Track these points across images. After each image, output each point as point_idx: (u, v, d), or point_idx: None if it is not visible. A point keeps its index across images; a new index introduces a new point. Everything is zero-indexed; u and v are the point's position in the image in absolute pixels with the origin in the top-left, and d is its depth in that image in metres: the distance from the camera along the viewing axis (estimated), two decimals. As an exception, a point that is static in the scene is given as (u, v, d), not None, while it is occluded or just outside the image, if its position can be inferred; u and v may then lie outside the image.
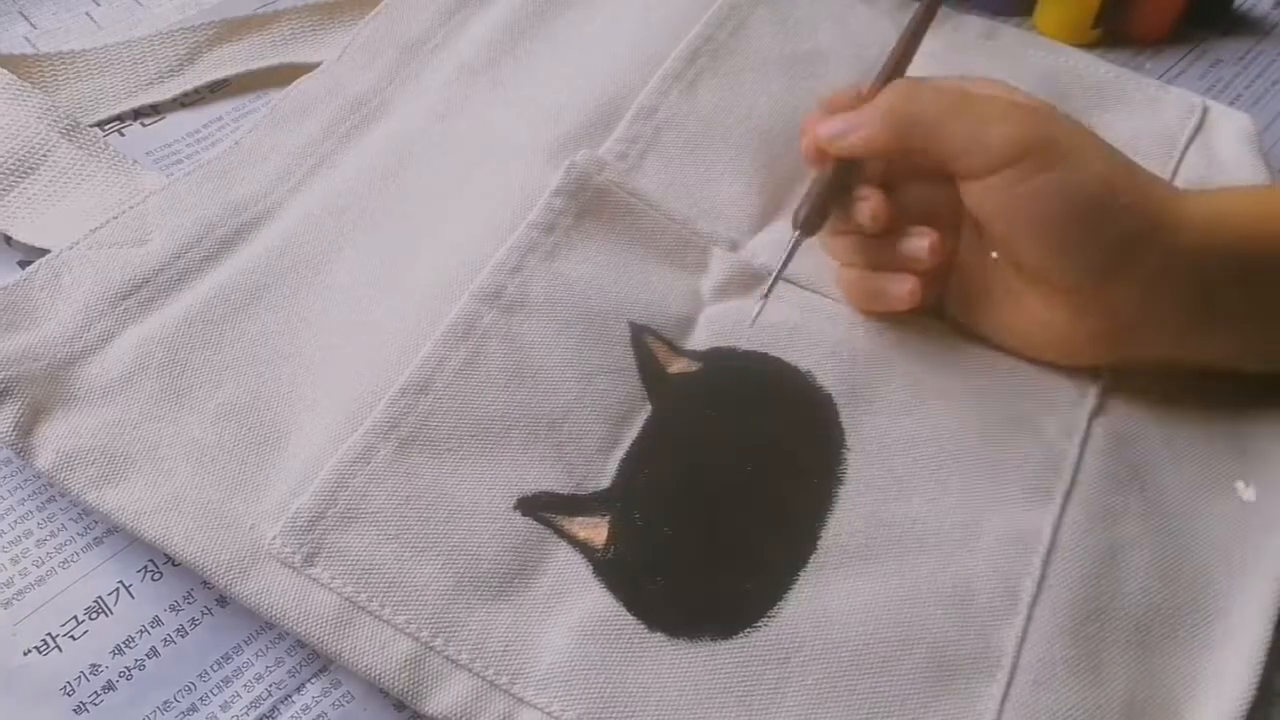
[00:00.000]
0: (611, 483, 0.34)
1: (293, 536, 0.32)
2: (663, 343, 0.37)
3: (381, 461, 0.33)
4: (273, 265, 0.39)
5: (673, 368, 0.37)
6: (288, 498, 0.33)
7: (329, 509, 0.32)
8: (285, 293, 0.38)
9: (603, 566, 0.33)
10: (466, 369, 0.35)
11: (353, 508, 0.32)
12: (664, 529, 0.33)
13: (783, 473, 0.35)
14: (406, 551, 0.32)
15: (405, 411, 0.34)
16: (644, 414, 0.36)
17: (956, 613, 0.32)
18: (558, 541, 0.33)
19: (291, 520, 0.32)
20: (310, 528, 0.32)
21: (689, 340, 0.38)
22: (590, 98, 0.43)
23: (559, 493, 0.34)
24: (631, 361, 0.37)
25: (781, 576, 0.33)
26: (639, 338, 0.37)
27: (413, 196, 0.41)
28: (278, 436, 0.34)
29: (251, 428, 0.35)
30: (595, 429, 0.35)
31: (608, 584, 0.32)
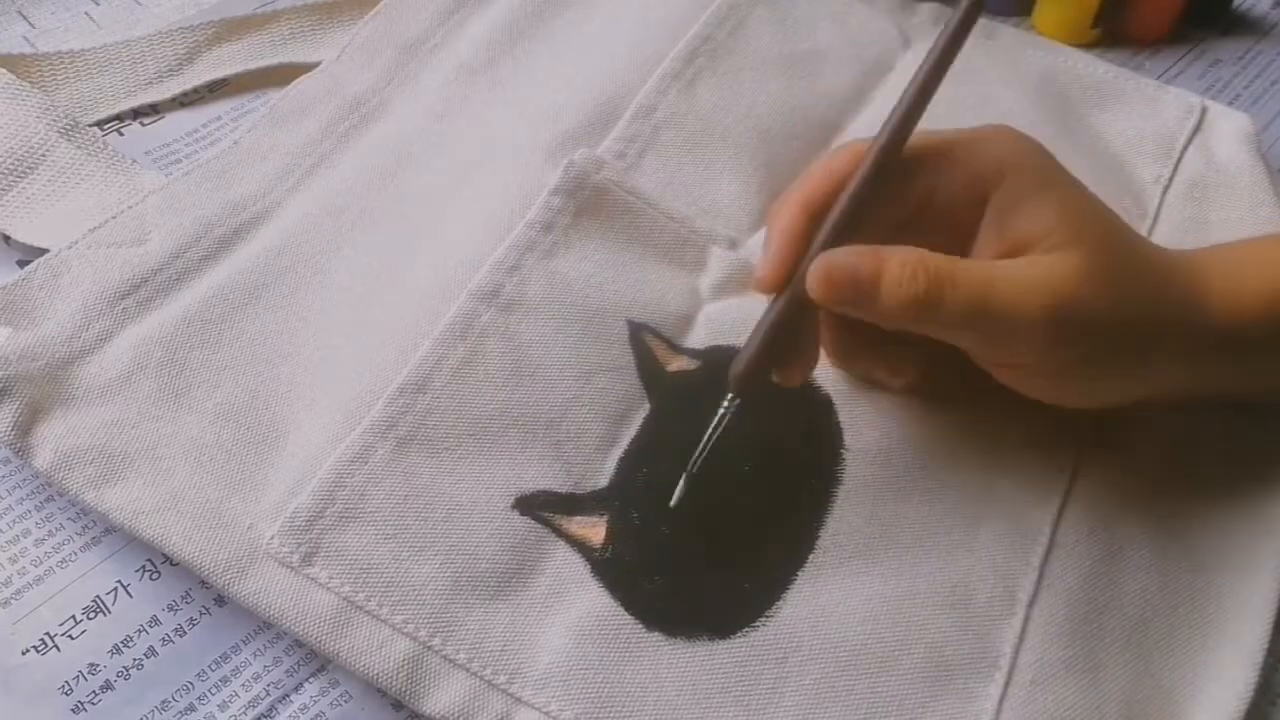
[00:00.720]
0: (610, 482, 0.34)
1: (291, 536, 0.32)
2: (661, 341, 0.37)
3: (379, 461, 0.33)
4: (271, 265, 0.39)
5: (671, 366, 0.37)
6: (286, 497, 0.33)
7: (327, 508, 0.32)
8: (284, 292, 0.38)
9: (601, 566, 0.33)
10: (464, 368, 0.35)
11: (351, 507, 0.32)
12: (662, 528, 0.33)
13: (781, 473, 0.35)
14: (404, 551, 0.32)
15: (403, 411, 0.34)
16: (642, 412, 0.36)
17: (955, 612, 0.32)
18: (556, 541, 0.33)
19: (289, 520, 0.32)
20: (308, 527, 0.32)
21: (688, 338, 0.38)
22: (589, 97, 0.43)
23: (557, 492, 0.34)
24: (630, 360, 0.37)
25: (779, 576, 0.33)
26: (637, 336, 0.37)
27: (411, 196, 0.41)
28: (276, 436, 0.34)
29: (250, 427, 0.35)
30: (593, 428, 0.35)
31: (606, 583, 0.32)
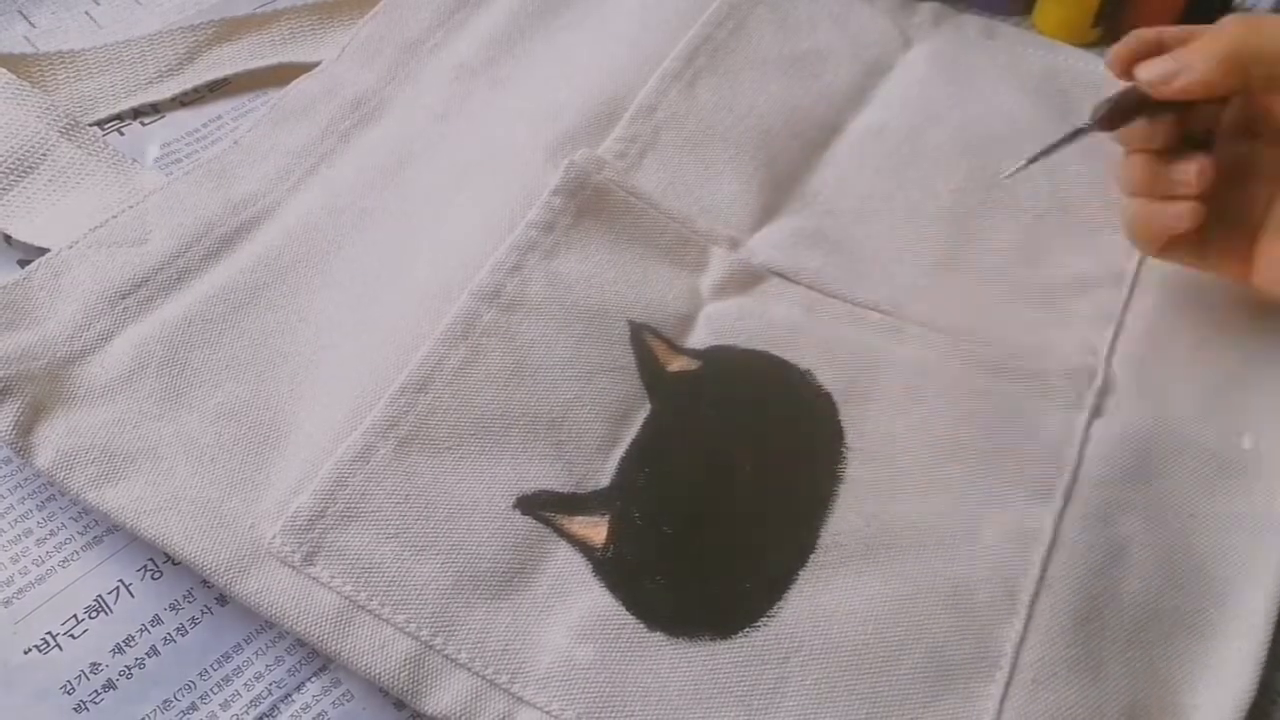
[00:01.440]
0: (611, 481, 0.34)
1: (292, 535, 0.32)
2: (662, 341, 0.37)
3: (381, 460, 0.33)
4: (272, 264, 0.39)
5: (672, 366, 0.37)
6: (287, 497, 0.33)
7: (328, 508, 0.32)
8: (285, 292, 0.38)
9: (602, 566, 0.33)
10: (466, 368, 0.35)
11: (352, 507, 0.32)
12: (663, 528, 0.33)
13: (782, 472, 0.35)
14: (406, 550, 0.32)
15: (405, 410, 0.34)
16: (643, 412, 0.36)
17: (956, 612, 0.32)
18: (557, 540, 0.33)
19: (291, 519, 0.32)
20: (310, 527, 0.32)
21: (689, 338, 0.38)
22: (589, 97, 0.43)
23: (558, 491, 0.34)
24: (631, 360, 0.37)
25: (781, 576, 0.33)
26: (638, 336, 0.37)
27: (412, 195, 0.41)
28: (277, 435, 0.34)
29: (251, 426, 0.35)
30: (595, 428, 0.35)
31: (607, 583, 0.32)
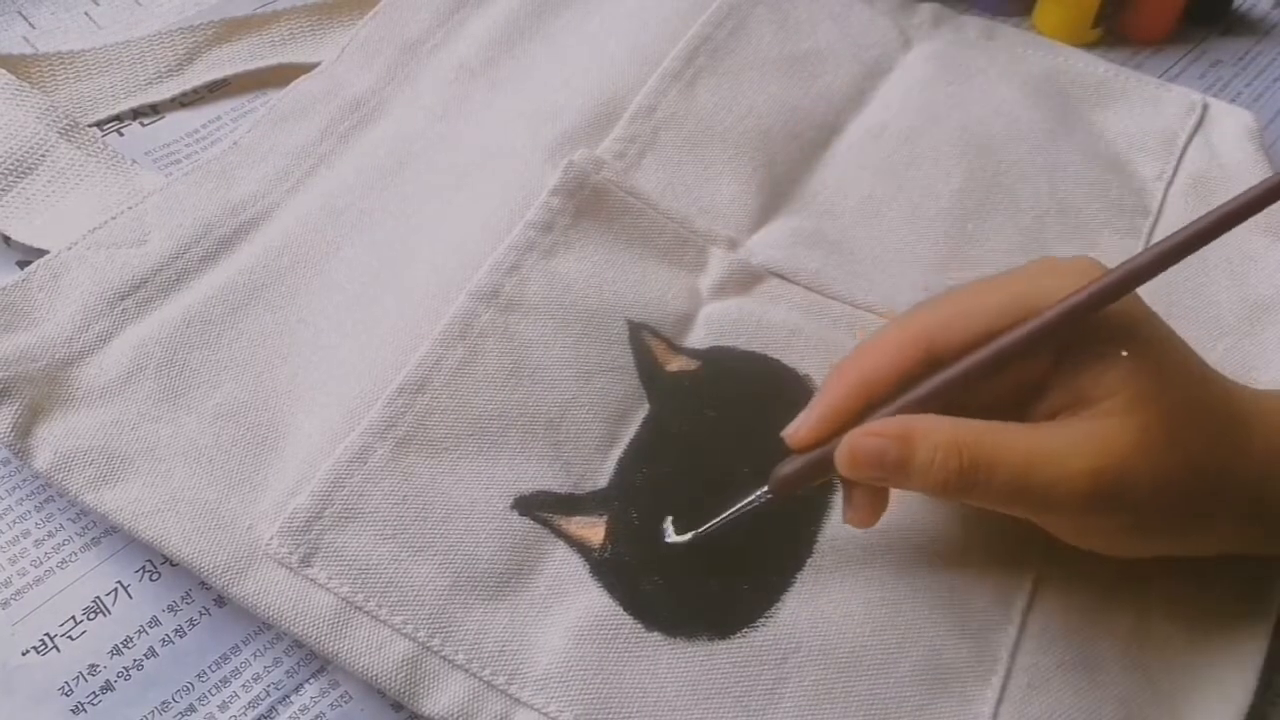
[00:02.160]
0: (609, 482, 0.34)
1: (290, 537, 0.32)
2: (661, 340, 0.37)
3: (378, 461, 0.33)
4: (271, 265, 0.39)
5: (671, 366, 0.37)
6: (285, 498, 0.33)
7: (326, 509, 0.32)
8: (283, 293, 0.38)
9: (600, 566, 0.32)
10: (464, 368, 0.35)
11: (350, 508, 0.32)
12: (662, 528, 0.33)
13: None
14: (404, 551, 0.32)
15: (402, 411, 0.34)
16: (642, 412, 0.36)
17: (952, 615, 0.32)
18: (555, 541, 0.33)
19: (288, 520, 0.32)
20: (307, 528, 0.32)
21: (688, 338, 0.38)
22: (589, 97, 0.43)
23: (556, 492, 0.34)
24: (629, 360, 0.37)
25: (779, 577, 0.33)
26: (637, 335, 0.37)
27: (411, 196, 0.41)
28: (275, 436, 0.34)
29: (249, 428, 0.35)
30: (593, 428, 0.35)
31: (605, 584, 0.32)
